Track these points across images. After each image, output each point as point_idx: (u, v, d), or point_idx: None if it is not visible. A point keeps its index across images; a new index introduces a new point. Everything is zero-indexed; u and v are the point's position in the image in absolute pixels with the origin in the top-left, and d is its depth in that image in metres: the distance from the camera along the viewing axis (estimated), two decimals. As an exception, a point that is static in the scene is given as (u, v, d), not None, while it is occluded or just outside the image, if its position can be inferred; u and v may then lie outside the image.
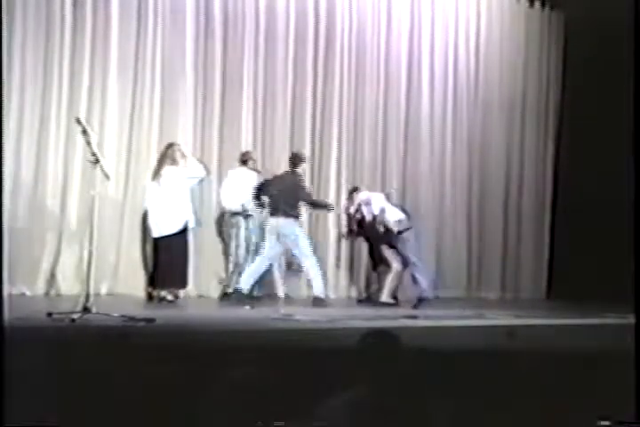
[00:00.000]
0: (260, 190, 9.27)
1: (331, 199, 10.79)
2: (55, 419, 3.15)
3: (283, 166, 10.16)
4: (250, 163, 9.72)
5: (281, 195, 9.07)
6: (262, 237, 9.32)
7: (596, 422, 3.45)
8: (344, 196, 10.70)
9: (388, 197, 10.08)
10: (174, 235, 8.79)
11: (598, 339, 6.17)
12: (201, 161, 9.33)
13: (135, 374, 3.48)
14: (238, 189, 9.55)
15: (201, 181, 9.23)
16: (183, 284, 9.07)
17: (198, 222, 9.22)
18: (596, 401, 3.64)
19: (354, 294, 10.94)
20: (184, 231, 8.89)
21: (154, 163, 9.57)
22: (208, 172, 9.39)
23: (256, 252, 9.40)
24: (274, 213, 9.08)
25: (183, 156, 8.94)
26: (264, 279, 9.50)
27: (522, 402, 3.47)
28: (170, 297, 8.91)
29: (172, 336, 5.97)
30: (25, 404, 3.34)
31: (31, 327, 5.94)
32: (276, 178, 9.37)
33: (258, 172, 9.75)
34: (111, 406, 3.22)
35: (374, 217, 9.70)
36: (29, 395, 3.40)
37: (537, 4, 12.57)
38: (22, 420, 3.24)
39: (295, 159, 9.33)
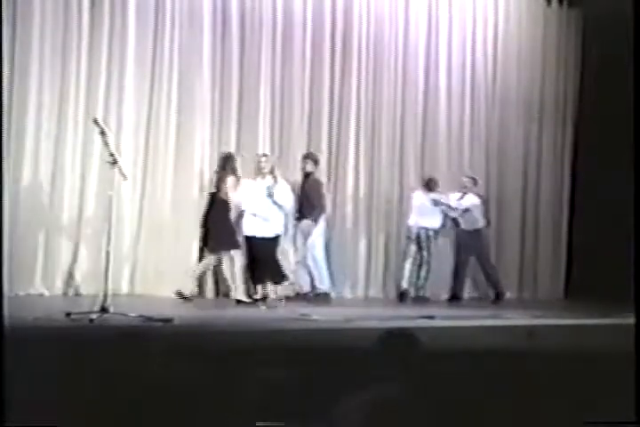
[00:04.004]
0: None
1: (348, 197, 10.89)
2: (70, 419, 3.17)
3: (299, 166, 10.18)
4: (434, 188, 10.72)
5: None
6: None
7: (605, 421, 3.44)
8: (362, 193, 10.91)
9: None
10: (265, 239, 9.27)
11: (616, 339, 6.14)
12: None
13: (153, 374, 3.49)
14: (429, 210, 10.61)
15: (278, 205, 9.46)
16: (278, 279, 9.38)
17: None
18: (613, 402, 3.63)
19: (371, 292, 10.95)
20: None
21: (171, 162, 9.73)
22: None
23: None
24: None
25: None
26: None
27: (531, 402, 3.47)
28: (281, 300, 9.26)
29: (189, 336, 5.98)
30: (41, 404, 3.35)
31: (50, 328, 5.97)
32: None
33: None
34: (129, 407, 3.24)
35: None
36: (46, 396, 3.42)
37: (555, 2, 12.50)
38: (37, 420, 3.26)
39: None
